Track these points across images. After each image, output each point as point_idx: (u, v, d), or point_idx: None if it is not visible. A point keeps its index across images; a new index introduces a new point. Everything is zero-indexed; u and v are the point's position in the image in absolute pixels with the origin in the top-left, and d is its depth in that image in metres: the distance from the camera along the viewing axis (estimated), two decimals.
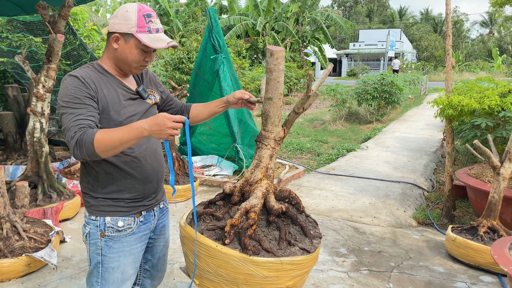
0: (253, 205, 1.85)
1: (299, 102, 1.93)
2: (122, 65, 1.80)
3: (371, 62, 41.95)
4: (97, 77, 1.75)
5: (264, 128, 1.95)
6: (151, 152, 1.90)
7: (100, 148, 1.56)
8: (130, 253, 1.88)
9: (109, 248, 1.83)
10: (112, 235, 1.83)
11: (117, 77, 1.82)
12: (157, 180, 1.94)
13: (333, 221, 4.61)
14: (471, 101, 4.34)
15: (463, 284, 3.27)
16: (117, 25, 1.73)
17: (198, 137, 6.79)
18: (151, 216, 1.97)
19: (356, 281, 3.26)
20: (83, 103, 1.66)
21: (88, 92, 1.68)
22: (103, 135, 1.56)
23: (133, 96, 1.85)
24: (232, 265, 1.71)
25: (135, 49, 1.75)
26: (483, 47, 52.09)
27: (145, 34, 1.73)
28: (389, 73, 12.73)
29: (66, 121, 1.62)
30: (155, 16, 1.78)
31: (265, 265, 1.71)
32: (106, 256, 1.83)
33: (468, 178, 4.55)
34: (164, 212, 2.10)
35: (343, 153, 8.12)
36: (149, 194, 1.92)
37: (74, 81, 1.68)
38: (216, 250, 1.72)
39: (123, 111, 1.78)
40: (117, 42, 1.75)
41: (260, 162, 1.95)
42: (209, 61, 5.81)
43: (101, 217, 1.82)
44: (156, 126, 1.55)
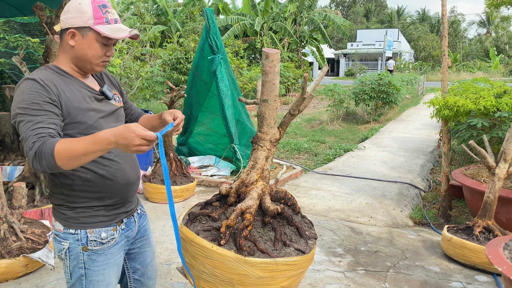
0: (248, 206, 1.87)
1: (294, 104, 1.95)
2: (82, 64, 1.67)
3: (369, 62, 42.05)
4: (57, 79, 1.62)
5: (260, 129, 1.96)
6: (127, 155, 1.81)
7: (62, 160, 1.39)
8: (114, 264, 1.79)
9: (93, 261, 1.71)
10: (95, 248, 1.71)
11: (78, 78, 1.70)
12: (135, 183, 1.87)
13: (330, 221, 4.63)
14: (467, 102, 4.36)
15: (458, 283, 3.29)
16: (70, 19, 1.60)
17: (195, 138, 6.80)
18: (132, 222, 1.89)
19: (352, 281, 3.28)
20: (43, 109, 1.50)
21: (48, 97, 1.53)
22: (65, 146, 1.39)
23: (98, 97, 1.74)
24: (227, 266, 1.73)
25: (95, 43, 1.63)
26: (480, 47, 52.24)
27: (104, 25, 1.61)
28: (386, 73, 12.77)
29: (24, 130, 1.46)
30: (110, 6, 1.67)
31: (259, 266, 1.72)
32: (90, 269, 1.72)
33: (464, 178, 4.58)
34: (143, 216, 2.02)
35: (340, 153, 8.15)
36: (130, 198, 1.85)
37: (33, 84, 1.53)
38: (211, 251, 1.74)
39: (91, 113, 1.66)
40: (73, 38, 1.62)
41: (255, 163, 1.96)
42: (206, 61, 5.83)
43: (82, 229, 1.69)
44: (123, 140, 1.36)
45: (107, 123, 1.72)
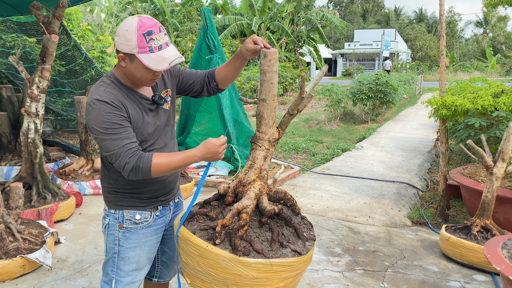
0: (245, 206, 1.86)
1: (293, 104, 1.94)
2: (133, 80, 1.80)
3: (366, 62, 42.10)
4: (120, 95, 1.77)
5: (258, 129, 1.96)
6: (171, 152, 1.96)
7: (156, 173, 1.72)
8: (146, 244, 1.96)
9: (126, 239, 1.92)
10: (129, 227, 1.92)
11: (134, 89, 1.83)
12: (175, 179, 2.04)
13: (328, 221, 4.62)
14: (465, 101, 4.37)
15: (456, 283, 3.30)
16: (120, 45, 1.70)
17: (193, 138, 6.79)
18: (167, 210, 2.05)
19: (351, 281, 3.28)
20: (123, 126, 1.71)
21: (122, 115, 1.72)
22: (160, 162, 1.70)
23: (151, 107, 1.87)
24: (221, 265, 1.72)
25: (141, 68, 1.72)
26: (477, 47, 52.38)
27: (147, 54, 1.68)
28: (383, 73, 12.78)
29: (113, 147, 1.68)
30: (157, 31, 1.70)
31: (254, 266, 1.72)
32: (123, 246, 1.92)
33: (462, 177, 4.58)
34: (179, 206, 2.18)
35: (338, 153, 8.15)
36: (167, 192, 2.02)
37: (106, 106, 1.69)
38: (206, 250, 1.73)
39: (145, 127, 1.83)
40: (124, 60, 1.73)
41: (254, 163, 1.96)
42: (204, 61, 5.82)
43: (119, 210, 1.92)
44: (210, 154, 1.73)
45: (159, 131, 1.91)
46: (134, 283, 1.99)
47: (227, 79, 2.07)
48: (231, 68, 2.03)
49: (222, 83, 2.08)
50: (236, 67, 2.02)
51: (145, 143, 1.85)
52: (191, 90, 2.09)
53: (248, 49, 1.88)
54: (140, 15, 1.70)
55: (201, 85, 2.08)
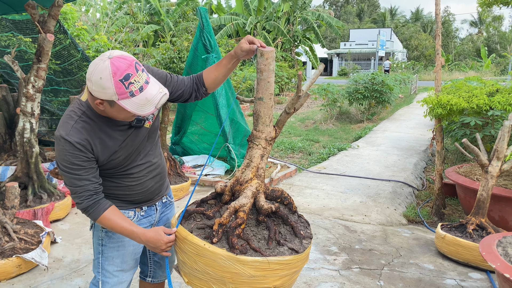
0: (242, 205, 1.86)
1: (290, 103, 1.95)
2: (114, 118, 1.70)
3: (362, 61, 42.19)
4: (90, 130, 1.66)
5: (255, 128, 1.96)
6: (151, 168, 1.92)
7: (100, 223, 1.74)
8: (129, 244, 1.92)
9: (109, 238, 1.89)
10: None
11: (110, 118, 1.70)
12: (159, 187, 2.00)
13: (325, 220, 4.64)
14: (460, 100, 4.39)
15: (452, 281, 3.31)
16: (95, 92, 1.54)
17: (189, 137, 6.78)
18: (153, 210, 2.01)
19: (347, 279, 3.29)
20: (84, 168, 1.67)
21: (85, 156, 1.66)
22: (109, 220, 1.71)
23: (129, 132, 1.77)
24: (219, 264, 1.72)
25: (123, 111, 1.59)
26: (472, 46, 52.65)
27: (128, 99, 1.53)
28: (380, 73, 12.82)
29: (69, 183, 1.69)
30: (134, 72, 1.52)
31: (251, 264, 1.72)
32: (106, 246, 1.90)
33: (457, 176, 4.61)
34: (168, 206, 2.13)
35: (334, 152, 8.17)
36: (150, 198, 1.98)
37: (70, 147, 1.63)
38: (203, 249, 1.73)
39: (120, 154, 1.77)
40: (102, 105, 1.59)
41: (251, 161, 1.96)
42: (200, 60, 5.81)
43: None
44: (153, 244, 1.74)
45: (135, 152, 1.84)
46: (122, 283, 1.95)
47: (217, 82, 1.99)
48: (223, 70, 1.94)
49: (211, 87, 2.00)
50: (228, 69, 1.94)
51: (125, 164, 1.81)
52: (180, 97, 1.98)
53: (243, 49, 1.81)
54: (110, 55, 1.52)
55: (190, 93, 1.97)
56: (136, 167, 1.85)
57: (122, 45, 12.05)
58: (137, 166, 1.85)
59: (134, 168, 1.84)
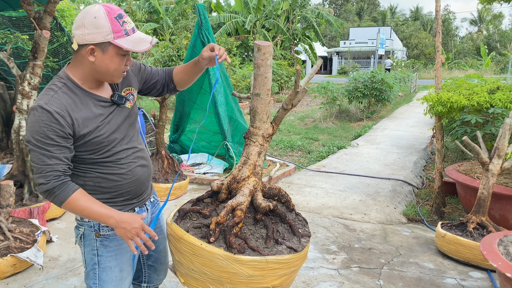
0: (239, 203, 1.82)
1: (287, 99, 1.90)
2: (101, 77, 1.64)
3: (362, 60, 42.15)
4: (71, 102, 1.59)
5: (252, 124, 1.92)
6: (138, 154, 1.83)
7: (66, 208, 1.60)
8: (127, 250, 1.82)
9: (105, 247, 1.78)
10: (107, 233, 1.77)
11: (91, 92, 1.66)
12: (147, 179, 1.90)
13: (324, 218, 4.60)
14: (460, 98, 4.35)
15: (452, 280, 3.28)
16: (88, 35, 1.52)
17: (188, 135, 6.74)
18: (144, 210, 1.93)
19: (346, 278, 3.25)
20: (57, 144, 1.54)
21: (62, 131, 1.54)
22: (76, 203, 1.57)
23: (111, 109, 1.71)
24: (216, 264, 1.68)
25: (116, 57, 1.58)
26: (472, 45, 52.59)
27: (124, 38, 1.56)
28: (379, 71, 12.77)
29: (37, 161, 1.54)
30: (125, 14, 1.61)
31: (249, 264, 1.68)
32: (103, 256, 1.78)
33: (457, 174, 4.57)
34: (156, 205, 2.06)
35: (333, 150, 8.13)
36: (141, 193, 1.88)
37: (47, 117, 1.52)
38: (200, 248, 1.69)
39: (103, 131, 1.66)
40: (93, 54, 1.56)
41: (248, 159, 1.92)
42: None
43: None
44: (124, 230, 1.61)
45: (119, 133, 1.74)
46: None
47: (184, 82, 2.00)
48: (188, 73, 1.96)
49: (179, 85, 2.01)
50: (193, 72, 1.95)
51: (111, 146, 1.70)
52: (153, 89, 1.98)
53: (203, 57, 1.82)
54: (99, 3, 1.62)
55: (162, 85, 1.98)
56: (123, 152, 1.74)
57: None
58: (124, 150, 1.75)
59: (121, 153, 1.74)
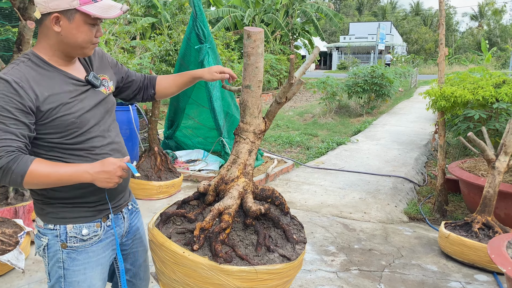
0: (227, 206, 1.66)
1: (281, 91, 1.73)
2: (70, 50, 1.49)
3: (362, 55, 41.88)
4: (36, 76, 1.43)
5: (242, 120, 1.75)
6: (115, 146, 1.64)
7: (29, 183, 1.37)
8: (98, 263, 1.62)
9: (72, 260, 1.57)
10: (75, 245, 1.56)
11: (61, 69, 1.51)
12: (125, 180, 1.68)
13: (322, 217, 4.43)
14: (465, 92, 4.18)
15: (457, 283, 3.12)
16: (52, 2, 1.39)
17: (183, 131, 6.56)
18: (120, 219, 1.71)
19: (345, 282, 3.09)
20: (14, 118, 1.35)
21: (21, 103, 1.36)
22: (39, 170, 1.35)
23: (84, 89, 1.55)
24: (200, 274, 1.52)
25: (84, 26, 1.45)
26: (472, 40, 52.30)
27: (91, 4, 1.43)
28: (379, 65, 12.58)
29: None
30: None
31: (237, 275, 1.52)
32: (69, 269, 1.56)
33: (461, 172, 4.40)
34: (134, 213, 1.83)
35: (333, 146, 7.96)
36: (117, 194, 1.66)
37: (5, 87, 1.36)
38: (182, 257, 1.53)
39: (74, 109, 1.48)
40: (58, 23, 1.42)
41: (237, 157, 1.75)
42: (193, 51, 5.58)
43: (61, 225, 1.54)
44: (105, 174, 1.41)
45: (93, 116, 1.55)
46: None
47: (167, 93, 1.90)
48: (179, 86, 1.87)
49: (160, 94, 1.89)
50: (183, 86, 1.88)
51: (76, 130, 1.49)
52: (128, 88, 1.83)
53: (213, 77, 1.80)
54: None
55: (139, 87, 1.85)
56: (97, 139, 1.55)
57: (116, 37, 11.79)
58: (98, 137, 1.56)
59: (96, 140, 1.55)
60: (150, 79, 1.88)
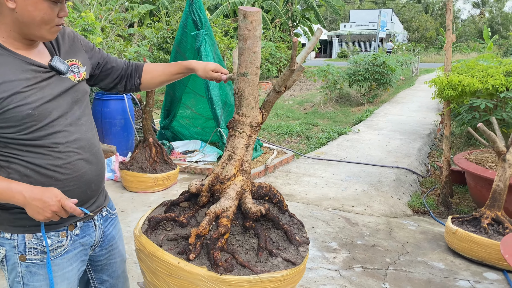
0: (224, 209, 1.48)
1: (281, 79, 1.55)
2: (28, 31, 1.27)
3: (362, 43, 41.48)
4: None
5: (237, 111, 1.56)
6: (85, 144, 1.41)
7: None
8: (64, 278, 1.41)
9: (32, 275, 1.36)
10: (35, 258, 1.35)
11: (18, 53, 1.29)
12: (95, 180, 1.46)
13: (323, 211, 4.28)
14: (473, 81, 3.99)
15: (466, 282, 2.97)
16: None
17: (180, 121, 6.37)
18: (91, 227, 1.50)
19: (348, 281, 2.94)
20: None
21: None
22: None
23: (45, 75, 1.32)
24: (198, 287, 1.35)
25: (42, 2, 1.23)
26: (474, 28, 51.80)
27: None
28: (381, 53, 12.34)
29: None
30: None
31: (240, 285, 1.36)
32: (30, 285, 1.36)
33: (467, 163, 4.23)
34: (110, 221, 1.62)
35: (334, 136, 7.78)
36: (87, 200, 1.45)
37: None
38: (178, 268, 1.36)
39: (31, 99, 1.26)
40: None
41: (233, 153, 1.57)
42: (189, 38, 5.36)
43: (19, 234, 1.34)
44: (40, 203, 1.23)
45: (56, 107, 1.33)
46: None
47: (155, 84, 1.71)
48: (168, 76, 1.69)
49: (146, 84, 1.70)
50: (173, 78, 1.70)
51: (35, 124, 1.28)
52: (108, 76, 1.61)
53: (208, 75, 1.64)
54: None
55: (120, 76, 1.63)
56: (62, 134, 1.34)
57: (112, 24, 11.51)
58: (63, 132, 1.34)
59: (59, 136, 1.33)
60: (136, 67, 1.67)
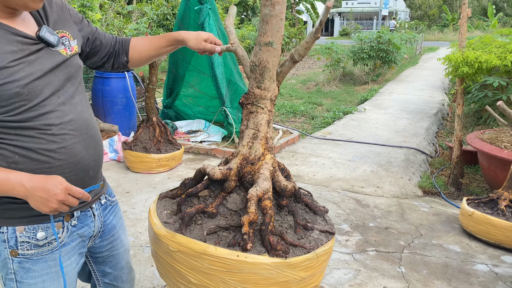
0: (265, 190, 1.37)
1: (302, 47, 1.39)
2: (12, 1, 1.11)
3: (364, 21, 40.84)
4: None
5: (259, 85, 1.42)
6: (81, 125, 1.27)
7: None
8: (59, 274, 1.29)
9: (26, 271, 1.23)
10: (29, 253, 1.23)
11: (2, 22, 1.14)
12: (94, 166, 1.32)
13: (333, 192, 4.17)
14: (491, 57, 3.82)
15: (484, 266, 2.87)
16: None
17: (183, 100, 6.21)
18: (89, 217, 1.37)
19: (362, 265, 2.84)
20: None
21: None
22: None
23: (34, 48, 1.17)
24: (263, 276, 1.25)
25: None
26: (477, 5, 50.92)
27: None
28: (386, 31, 12.07)
29: None
30: None
31: (302, 265, 1.29)
32: (23, 282, 1.24)
33: (481, 143, 4.10)
34: (109, 209, 1.49)
35: (339, 116, 7.63)
36: (84, 187, 1.30)
37: None
38: (238, 262, 1.23)
39: (19, 75, 1.12)
40: None
41: (258, 131, 1.44)
42: (192, 13, 5.15)
43: (8, 227, 1.21)
44: (43, 192, 1.10)
45: (48, 84, 1.19)
46: None
47: (144, 59, 1.55)
48: (156, 50, 1.53)
49: (134, 61, 1.55)
50: (161, 52, 1.54)
51: (24, 104, 1.13)
52: (95, 55, 1.46)
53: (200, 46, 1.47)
54: None
55: (108, 53, 1.49)
56: (55, 114, 1.19)
57: (111, 1, 11.23)
58: (55, 112, 1.19)
59: (52, 116, 1.19)
60: (123, 42, 1.51)
